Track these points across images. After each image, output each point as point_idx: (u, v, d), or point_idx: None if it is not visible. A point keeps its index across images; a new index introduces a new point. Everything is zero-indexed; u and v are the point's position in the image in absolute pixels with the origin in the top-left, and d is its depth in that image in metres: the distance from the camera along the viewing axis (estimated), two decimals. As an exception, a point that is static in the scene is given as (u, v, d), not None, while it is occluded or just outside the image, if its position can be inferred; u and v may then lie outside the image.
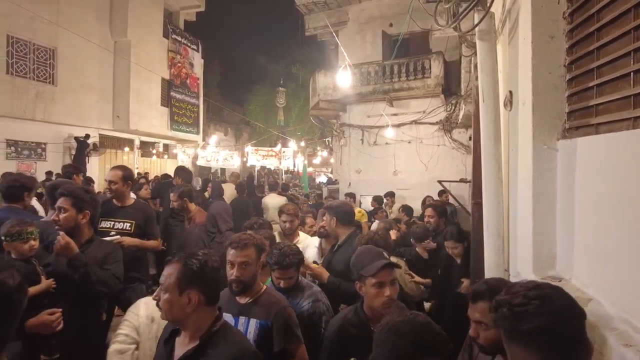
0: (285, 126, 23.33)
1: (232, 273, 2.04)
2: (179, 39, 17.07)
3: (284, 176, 17.34)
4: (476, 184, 3.24)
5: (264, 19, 36.38)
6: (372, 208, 7.90)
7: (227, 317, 1.99)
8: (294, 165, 21.07)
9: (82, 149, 12.52)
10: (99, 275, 2.32)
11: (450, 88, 9.92)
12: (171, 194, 4.41)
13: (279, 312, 2.06)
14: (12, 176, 3.26)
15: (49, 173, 10.31)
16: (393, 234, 3.97)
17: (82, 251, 2.39)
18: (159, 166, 16.70)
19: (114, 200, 3.42)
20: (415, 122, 10.29)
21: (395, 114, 10.33)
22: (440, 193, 7.78)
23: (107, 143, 14.02)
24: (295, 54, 25.85)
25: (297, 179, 20.66)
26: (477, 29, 2.69)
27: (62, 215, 2.37)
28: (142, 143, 15.86)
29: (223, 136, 25.49)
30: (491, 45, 2.75)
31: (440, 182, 7.20)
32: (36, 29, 11.34)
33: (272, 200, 7.41)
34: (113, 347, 1.99)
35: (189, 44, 17.69)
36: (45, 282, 2.29)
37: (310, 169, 23.20)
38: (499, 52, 2.85)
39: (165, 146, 17.44)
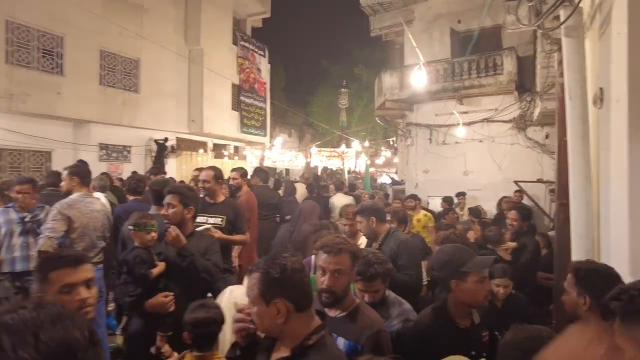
0: (347, 127, 23.52)
1: (322, 281, 1.85)
2: (247, 45, 17.84)
3: (347, 176, 17.48)
4: (562, 184, 3.15)
5: (327, 21, 36.89)
6: (442, 209, 7.79)
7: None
8: (355, 166, 21.16)
9: (161, 151, 13.53)
10: (203, 264, 2.60)
11: (523, 84, 9.51)
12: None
13: (373, 337, 1.79)
14: (136, 175, 3.76)
15: (134, 172, 11.29)
16: (471, 235, 3.94)
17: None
18: (230, 167, 17.56)
19: (207, 198, 3.74)
20: (486, 120, 9.97)
21: (465, 112, 10.06)
22: (515, 193, 7.49)
23: (183, 145, 15.02)
24: (357, 55, 25.97)
25: (359, 179, 20.73)
26: (563, 25, 2.64)
27: (170, 211, 2.69)
28: (215, 145, 16.80)
29: (287, 137, 26.21)
30: (579, 42, 2.68)
31: (516, 182, 6.95)
32: (123, 42, 12.45)
33: (339, 200, 7.56)
34: None
35: (256, 50, 18.43)
36: (161, 265, 2.61)
37: (371, 170, 23.17)
38: (586, 48, 2.77)
39: (236, 148, 18.32)
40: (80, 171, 3.72)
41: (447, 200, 8.03)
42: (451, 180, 10.12)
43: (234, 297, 2.49)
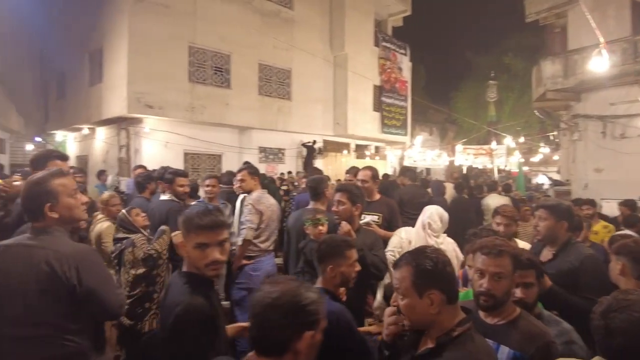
0: (496, 122, 21.79)
1: (481, 284, 1.78)
2: (388, 45, 17.92)
3: (496, 176, 16.18)
4: None
5: (471, 12, 34.73)
6: (619, 214, 6.54)
7: None
8: (506, 164, 19.44)
9: (309, 153, 14.51)
10: (372, 259, 2.73)
11: None
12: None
13: (543, 348, 1.66)
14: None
15: (289, 172, 12.45)
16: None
17: (354, 238, 2.84)
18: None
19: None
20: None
21: (651, 100, 8.46)
22: None
23: (329, 147, 15.85)
24: (506, 43, 23.88)
25: (511, 178, 18.99)
26: None
27: (341, 208, 2.88)
28: (357, 146, 17.33)
29: (428, 136, 25.52)
30: None
31: None
32: (277, 55, 13.72)
33: (494, 201, 7.05)
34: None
35: (397, 49, 18.39)
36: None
37: (525, 168, 21.02)
38: None
39: (376, 148, 18.60)
40: (257, 172, 4.26)
41: (628, 205, 6.57)
42: (632, 180, 8.57)
43: (408, 236, 3.43)
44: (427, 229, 3.38)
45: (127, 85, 10.56)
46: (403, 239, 3.49)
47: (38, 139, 16.09)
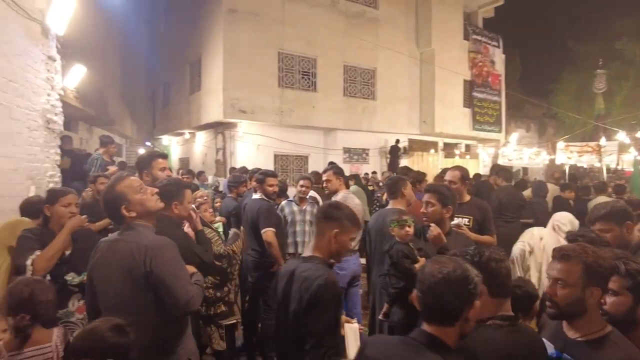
0: (605, 115, 19.51)
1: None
2: (479, 38, 17.00)
3: (605, 176, 14.47)
4: None
5: (573, -5, 31.47)
6: None
7: (548, 346, 1.66)
8: (617, 163, 17.29)
9: (394, 152, 14.30)
10: (465, 264, 2.62)
11: None
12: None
13: None
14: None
15: (373, 173, 12.42)
16: None
17: (444, 241, 2.76)
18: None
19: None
20: None
21: None
22: None
23: (415, 146, 15.48)
24: (619, 26, 21.26)
25: (623, 178, 16.85)
26: None
27: (429, 209, 2.80)
28: (445, 144, 16.69)
29: (525, 133, 23.71)
30: None
31: None
32: (362, 55, 13.74)
33: (604, 204, 6.35)
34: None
35: (489, 42, 17.37)
36: (422, 261, 2.77)
37: (643, 167, 18.51)
38: None
39: (467, 146, 17.75)
40: (342, 172, 4.35)
41: None
42: None
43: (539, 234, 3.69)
44: (557, 230, 3.50)
45: (223, 92, 11.36)
46: (535, 235, 3.76)
47: (148, 143, 18.00)
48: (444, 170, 5.66)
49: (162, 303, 1.92)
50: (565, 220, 3.45)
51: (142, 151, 17.10)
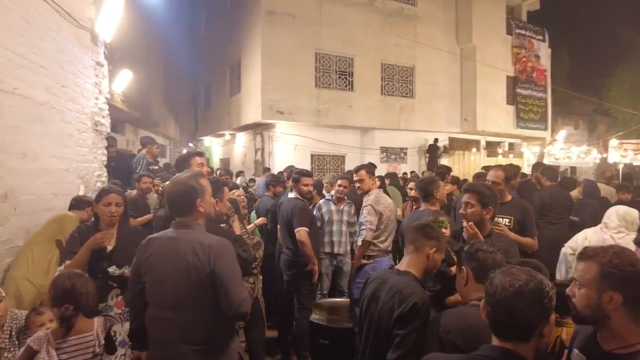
0: (667, 110, 18.23)
1: None
2: (523, 32, 16.33)
3: (663, 176, 13.49)
4: None
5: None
6: None
7: (580, 357, 1.55)
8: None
9: (433, 151, 13.99)
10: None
11: None
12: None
13: None
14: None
15: (412, 172, 12.20)
16: None
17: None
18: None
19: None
20: None
21: None
22: None
23: (456, 145, 15.09)
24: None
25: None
26: None
27: (469, 210, 2.70)
28: (488, 143, 16.16)
29: (573, 130, 22.48)
30: None
31: None
32: (400, 53, 13.55)
33: (662, 205, 5.92)
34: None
35: (533, 36, 16.65)
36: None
37: None
38: None
39: (510, 145, 17.10)
40: (374, 172, 4.31)
41: None
42: None
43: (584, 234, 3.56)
44: (604, 228, 3.42)
45: (261, 94, 11.55)
46: (579, 237, 3.73)
47: (190, 144, 18.60)
48: (486, 169, 5.48)
49: (218, 302, 1.96)
50: (612, 215, 3.18)
51: (184, 152, 17.77)
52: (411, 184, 5.05)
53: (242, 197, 4.49)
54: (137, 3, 9.18)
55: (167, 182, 3.08)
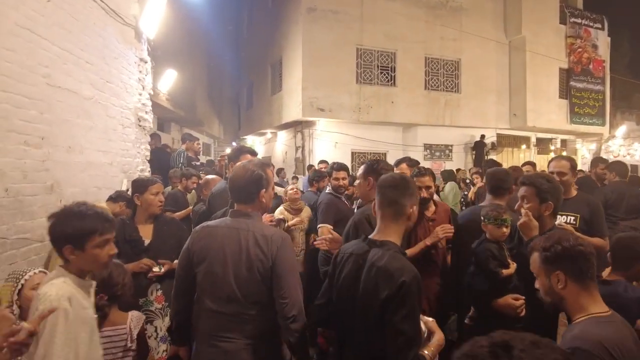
0: None
1: None
2: (578, 21, 15.28)
3: None
4: None
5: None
6: None
7: None
8: None
9: (479, 148, 13.38)
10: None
11: None
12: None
13: None
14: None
15: (457, 170, 11.74)
16: None
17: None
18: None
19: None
20: None
21: None
22: None
23: (504, 142, 14.38)
24: None
25: None
26: None
27: (525, 205, 2.45)
28: (538, 140, 15.27)
29: (634, 125, 20.89)
30: None
31: None
32: (444, 46, 13.07)
33: None
34: None
35: (590, 24, 15.55)
36: (513, 267, 2.45)
37: None
38: None
39: (563, 141, 16.09)
40: (415, 165, 4.10)
41: None
42: None
43: None
44: None
45: (302, 91, 11.51)
46: None
47: (234, 143, 18.96)
48: (527, 164, 5.09)
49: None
50: None
51: (228, 150, 18.13)
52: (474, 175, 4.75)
53: (296, 190, 4.52)
54: (181, 4, 9.39)
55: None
